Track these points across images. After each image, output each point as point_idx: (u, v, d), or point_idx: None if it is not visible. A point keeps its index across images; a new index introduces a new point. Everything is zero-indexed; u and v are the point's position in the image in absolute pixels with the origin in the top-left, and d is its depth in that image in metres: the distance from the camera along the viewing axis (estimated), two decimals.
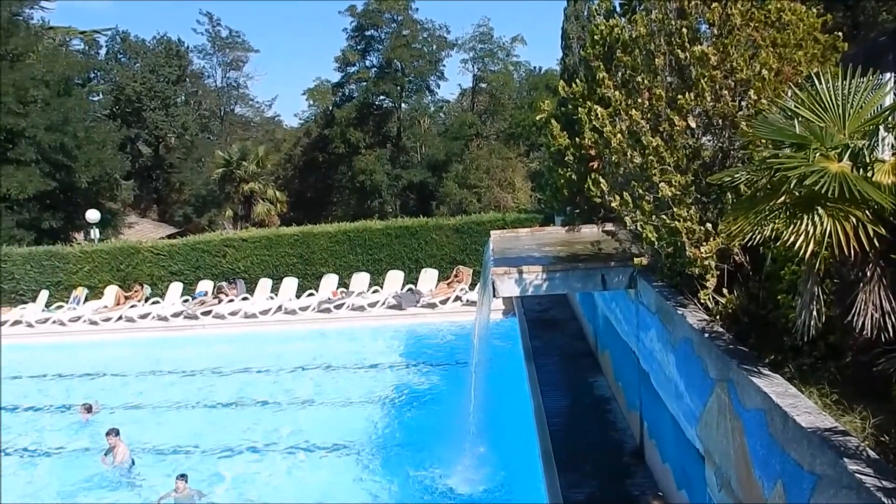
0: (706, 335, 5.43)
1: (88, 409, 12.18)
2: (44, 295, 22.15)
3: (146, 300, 21.31)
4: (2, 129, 29.60)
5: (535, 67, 51.28)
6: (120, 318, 20.46)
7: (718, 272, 6.04)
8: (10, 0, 31.76)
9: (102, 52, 51.23)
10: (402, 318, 18.42)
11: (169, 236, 39.03)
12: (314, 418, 12.16)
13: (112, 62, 50.64)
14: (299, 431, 11.47)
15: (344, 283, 20.76)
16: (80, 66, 38.55)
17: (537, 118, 8.52)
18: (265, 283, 21.01)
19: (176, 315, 20.22)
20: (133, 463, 10.33)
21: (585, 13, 19.93)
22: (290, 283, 20.82)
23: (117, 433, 10.34)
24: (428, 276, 20.21)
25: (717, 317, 5.79)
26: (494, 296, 7.96)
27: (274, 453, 10.80)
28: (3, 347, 19.17)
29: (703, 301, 5.98)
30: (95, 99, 43.17)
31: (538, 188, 27.20)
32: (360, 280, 20.53)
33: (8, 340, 19.83)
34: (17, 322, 21.01)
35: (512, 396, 10.65)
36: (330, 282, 20.69)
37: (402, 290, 19.83)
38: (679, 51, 6.52)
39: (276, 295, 20.61)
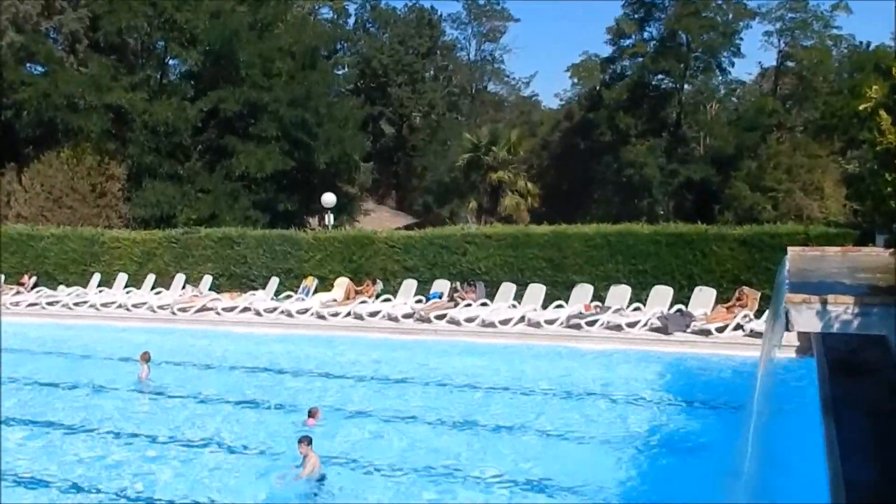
0: None
1: (312, 414, 13.24)
2: (273, 282, 24.51)
3: (377, 297, 22.77)
4: (246, 104, 33.15)
5: (861, 42, 47.37)
6: (349, 313, 22.08)
7: None
8: None
9: (351, 21, 55.12)
10: (667, 344, 18.00)
11: (405, 227, 41.44)
12: (553, 453, 12.28)
13: (360, 32, 54.28)
14: (534, 465, 11.65)
15: (599, 296, 20.71)
16: (327, 37, 41.94)
17: (861, 107, 7.94)
18: (508, 289, 21.55)
19: (407, 316, 21.40)
20: (324, 477, 11.06)
21: None
22: (536, 291, 21.18)
23: (309, 442, 11.10)
24: (703, 297, 19.57)
25: None
26: (788, 329, 7.53)
27: (502, 488, 11.06)
28: (235, 334, 21.55)
29: None
30: (340, 73, 46.71)
31: (855, 196, 25.17)
32: (619, 294, 20.36)
33: (237, 328, 22.21)
34: (245, 309, 23.46)
35: (800, 457, 9.99)
36: (583, 293, 20.75)
37: (669, 310, 19.37)
38: None
39: (519, 303, 21.06)
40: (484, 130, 43.30)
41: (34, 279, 27.09)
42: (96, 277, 26.78)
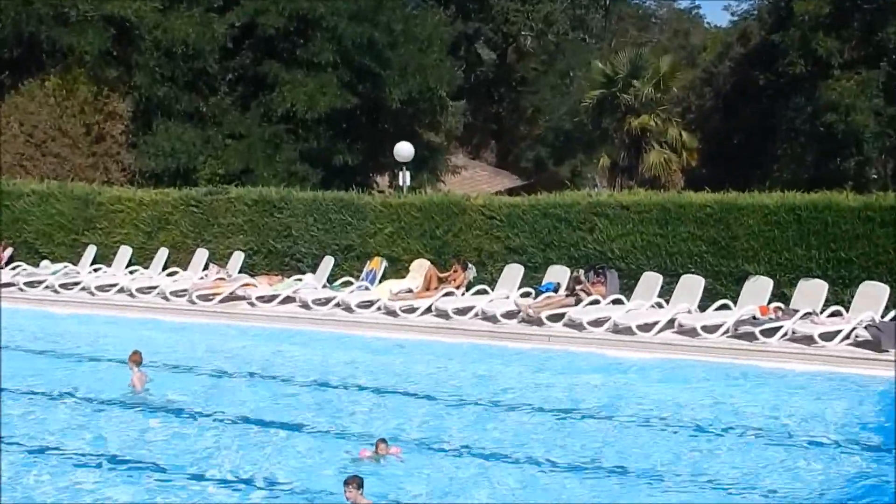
0: None
1: (378, 445, 13.49)
2: (327, 263, 24.84)
3: (467, 288, 22.85)
4: (293, 18, 33.46)
5: None
6: (429, 309, 22.21)
7: None
8: None
9: None
10: (876, 364, 17.63)
11: (509, 191, 41.40)
12: None
13: None
14: None
15: (782, 294, 20.40)
16: None
17: None
18: (651, 281, 21.40)
19: (509, 315, 21.44)
20: None
21: None
22: (691, 285, 20.95)
23: (359, 485, 11.39)
24: None
25: None
26: None
27: None
28: (273, 332, 22.02)
29: None
30: None
31: None
32: (811, 292, 19.99)
33: (276, 324, 22.66)
34: (288, 299, 23.82)
35: None
36: (758, 289, 20.44)
37: (882, 317, 18.94)
38: None
39: (667, 302, 20.90)
40: (622, 58, 42.70)
41: (10, 251, 28.08)
42: (91, 251, 27.60)
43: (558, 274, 22.50)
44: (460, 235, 24.05)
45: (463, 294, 22.60)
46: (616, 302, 21.17)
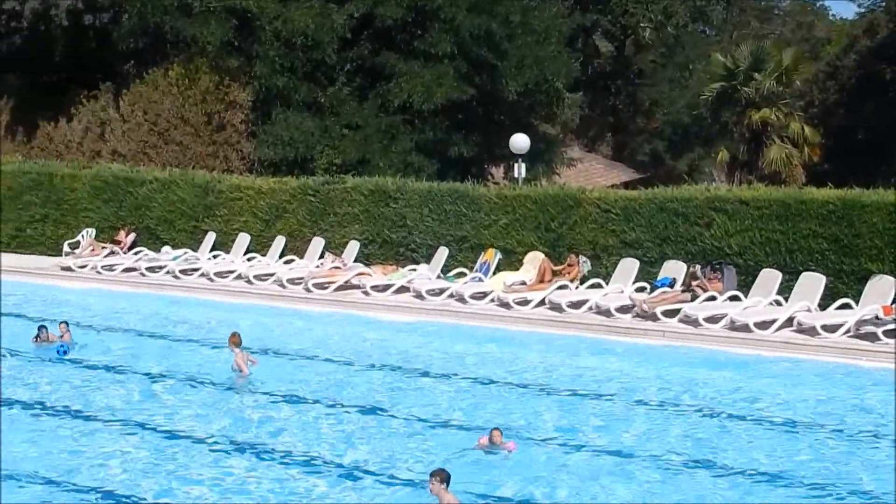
0: None
1: (493, 438, 13.49)
2: (441, 254, 24.95)
3: (581, 281, 22.77)
4: (411, 9, 33.64)
5: None
6: (542, 302, 22.21)
7: None
8: None
9: None
10: None
11: (625, 184, 41.12)
12: None
13: None
14: None
15: None
16: None
17: None
18: (770, 278, 21.07)
19: (623, 310, 21.32)
20: None
21: None
22: (811, 283, 20.55)
23: (444, 479, 11.31)
24: None
25: None
26: None
27: None
28: (387, 322, 22.30)
29: None
30: None
31: None
32: None
33: (390, 314, 22.90)
34: (402, 289, 24.00)
35: None
36: (881, 289, 19.98)
37: None
38: None
39: (786, 299, 20.57)
40: (743, 50, 42.11)
41: (133, 236, 28.79)
42: (210, 238, 28.19)
43: (674, 269, 22.27)
44: (575, 228, 23.95)
45: (577, 287, 22.53)
46: (733, 299, 20.91)
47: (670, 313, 20.66)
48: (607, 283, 22.50)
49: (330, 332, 21.92)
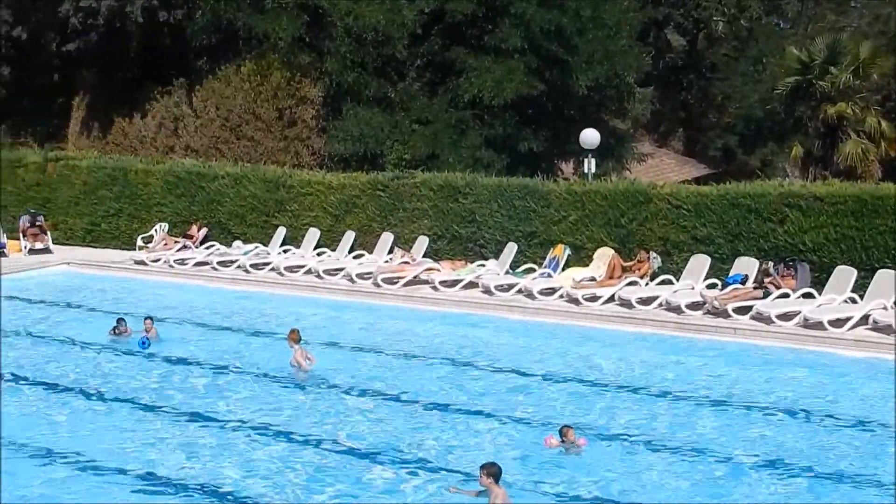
0: None
1: (564, 434, 13.42)
2: (511, 249, 24.91)
3: (652, 277, 22.61)
4: (480, 3, 33.59)
5: None
6: (611, 298, 22.12)
7: None
8: None
9: None
10: None
11: (697, 180, 40.74)
12: None
13: None
14: None
15: None
16: None
17: None
18: (845, 274, 20.79)
19: (693, 307, 21.15)
20: None
21: None
22: (887, 280, 20.23)
23: (492, 474, 11.25)
24: None
25: None
26: None
27: None
28: (455, 317, 22.33)
29: None
30: None
31: None
32: None
33: (458, 308, 22.95)
34: (471, 284, 24.01)
35: None
36: None
37: None
38: None
39: (861, 298, 20.26)
40: (819, 43, 41.51)
41: (205, 231, 29.09)
42: (280, 232, 28.39)
43: (746, 266, 22.05)
44: (645, 224, 23.80)
45: (647, 284, 22.40)
46: (807, 296, 20.63)
47: (742, 310, 20.47)
48: (678, 280, 22.35)
49: (399, 326, 22.01)
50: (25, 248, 30.01)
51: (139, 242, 29.37)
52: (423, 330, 21.65)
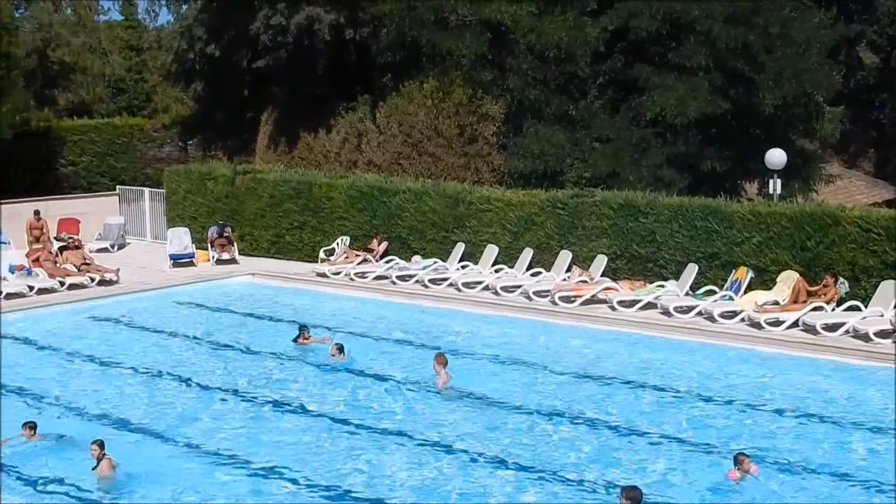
0: None
1: (740, 462, 13.16)
2: (691, 270, 24.52)
3: (838, 304, 21.94)
4: (665, 20, 33.20)
5: None
6: (795, 323, 21.61)
7: None
8: None
9: None
10: None
11: (888, 203, 39.37)
12: None
13: None
14: None
15: None
16: None
17: None
18: None
19: (883, 334, 20.47)
20: None
21: None
22: None
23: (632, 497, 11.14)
24: None
25: None
26: None
27: None
28: (631, 337, 22.14)
29: None
30: None
31: None
32: None
33: (635, 329, 22.72)
34: (650, 305, 23.73)
35: None
36: None
37: None
38: None
39: None
40: None
41: (385, 245, 29.53)
42: (459, 248, 28.61)
43: None
44: (833, 248, 23.10)
45: (833, 310, 21.75)
46: None
47: None
48: (866, 306, 21.63)
49: (576, 345, 21.98)
50: (213, 258, 31.09)
51: (321, 255, 30.03)
52: (601, 349, 21.57)
